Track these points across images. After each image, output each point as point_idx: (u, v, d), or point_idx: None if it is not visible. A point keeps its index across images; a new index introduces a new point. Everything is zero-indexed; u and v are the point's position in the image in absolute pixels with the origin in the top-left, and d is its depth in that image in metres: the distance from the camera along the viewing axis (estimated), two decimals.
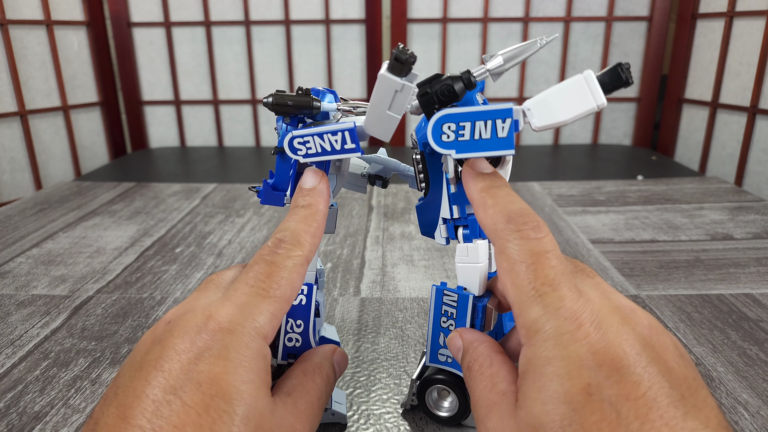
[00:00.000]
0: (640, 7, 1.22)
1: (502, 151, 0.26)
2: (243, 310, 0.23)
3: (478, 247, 0.29)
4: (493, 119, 0.26)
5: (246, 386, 0.21)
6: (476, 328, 0.30)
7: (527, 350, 0.22)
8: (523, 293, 0.22)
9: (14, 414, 0.35)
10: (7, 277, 0.55)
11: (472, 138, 0.26)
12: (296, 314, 0.31)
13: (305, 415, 0.25)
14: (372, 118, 0.28)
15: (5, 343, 0.43)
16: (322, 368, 0.28)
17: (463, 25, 1.24)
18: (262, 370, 0.23)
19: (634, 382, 0.19)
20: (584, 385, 0.20)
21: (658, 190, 0.83)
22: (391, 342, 0.43)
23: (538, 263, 0.23)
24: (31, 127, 1.09)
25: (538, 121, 0.26)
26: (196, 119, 1.34)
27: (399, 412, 0.35)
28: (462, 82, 0.27)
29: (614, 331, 0.21)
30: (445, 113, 0.26)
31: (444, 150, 0.27)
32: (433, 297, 0.31)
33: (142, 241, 0.65)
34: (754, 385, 0.37)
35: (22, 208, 0.77)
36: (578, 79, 0.25)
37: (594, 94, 0.25)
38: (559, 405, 0.20)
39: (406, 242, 0.64)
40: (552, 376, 0.20)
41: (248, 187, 0.35)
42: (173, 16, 1.26)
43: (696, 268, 0.55)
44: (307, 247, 0.26)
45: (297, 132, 0.29)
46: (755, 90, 0.97)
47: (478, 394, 0.24)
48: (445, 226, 0.31)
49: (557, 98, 0.26)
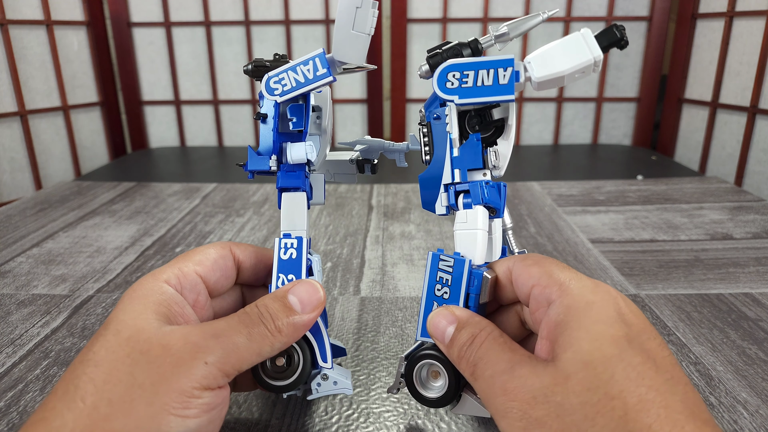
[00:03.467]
0: (640, 7, 1.22)
1: (503, 96, 0.27)
2: (151, 274, 0.29)
3: (477, 212, 0.30)
4: (495, 68, 0.28)
5: (125, 315, 0.26)
6: (471, 297, 0.29)
7: (565, 299, 0.25)
8: (554, 269, 0.27)
9: (14, 413, 0.35)
10: (7, 276, 0.55)
11: (474, 85, 0.28)
12: (287, 269, 0.31)
13: (214, 341, 0.25)
14: (339, 41, 0.29)
15: (6, 343, 0.43)
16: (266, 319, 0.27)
17: (463, 25, 1.24)
18: (152, 302, 0.27)
19: (659, 344, 0.23)
20: (624, 333, 0.23)
21: (658, 190, 0.83)
22: (390, 341, 0.43)
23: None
24: (31, 127, 1.09)
25: (538, 71, 0.28)
26: (196, 119, 1.34)
27: (401, 411, 0.35)
28: (470, 48, 0.29)
29: (631, 303, 0.25)
30: (451, 63, 0.28)
31: (447, 96, 0.28)
32: (429, 263, 0.30)
33: (142, 240, 0.65)
34: (753, 384, 0.37)
35: (22, 208, 0.77)
36: (576, 35, 0.28)
37: (591, 48, 0.27)
38: (608, 344, 0.22)
39: (406, 242, 0.64)
40: (597, 318, 0.23)
41: (236, 163, 0.35)
42: (173, 16, 1.26)
43: (695, 268, 0.55)
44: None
45: (271, 72, 0.30)
46: (755, 90, 0.97)
47: (495, 358, 0.25)
48: (446, 195, 0.32)
49: (556, 51, 0.28)
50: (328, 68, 0.30)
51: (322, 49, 0.30)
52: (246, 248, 0.33)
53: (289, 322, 0.27)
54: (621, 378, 0.21)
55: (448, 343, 0.27)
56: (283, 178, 0.33)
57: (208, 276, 0.30)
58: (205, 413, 0.24)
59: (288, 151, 0.32)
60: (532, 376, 0.23)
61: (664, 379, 0.21)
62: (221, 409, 0.26)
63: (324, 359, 0.31)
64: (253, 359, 0.26)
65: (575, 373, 0.22)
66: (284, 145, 0.32)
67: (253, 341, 0.26)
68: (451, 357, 0.28)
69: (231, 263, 0.32)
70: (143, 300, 0.27)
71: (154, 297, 0.27)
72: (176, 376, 0.24)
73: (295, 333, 0.28)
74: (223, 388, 0.26)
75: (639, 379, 0.21)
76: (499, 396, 0.24)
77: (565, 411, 0.22)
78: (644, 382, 0.21)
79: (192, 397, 0.24)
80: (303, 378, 0.30)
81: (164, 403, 0.23)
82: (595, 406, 0.21)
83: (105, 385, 0.23)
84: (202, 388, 0.24)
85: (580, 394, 0.21)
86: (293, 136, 0.33)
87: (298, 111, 0.32)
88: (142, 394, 0.23)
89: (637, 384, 0.21)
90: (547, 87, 0.28)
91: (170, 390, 0.23)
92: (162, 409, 0.23)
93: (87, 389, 0.23)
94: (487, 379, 0.25)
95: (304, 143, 0.32)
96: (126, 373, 0.24)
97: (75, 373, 0.24)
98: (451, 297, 0.30)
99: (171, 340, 0.25)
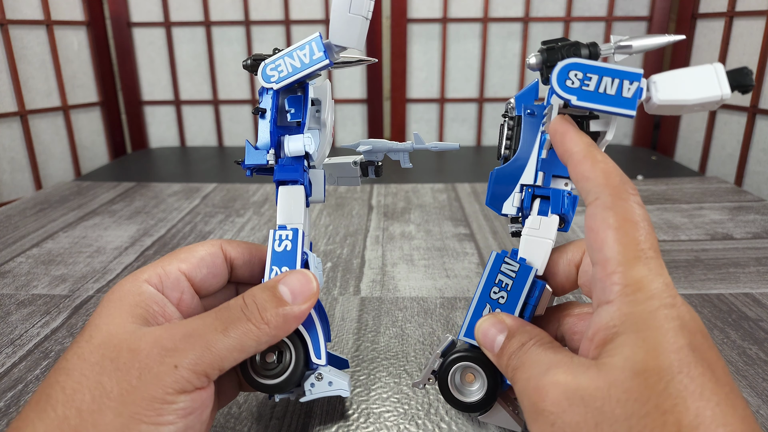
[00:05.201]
0: (640, 7, 1.22)
1: (623, 109, 0.26)
2: (132, 274, 0.28)
3: (553, 222, 0.28)
4: (621, 78, 0.26)
5: (100, 319, 0.25)
6: (528, 307, 0.28)
7: (624, 306, 0.22)
8: (629, 251, 0.22)
9: (14, 413, 0.35)
10: (7, 276, 0.55)
11: (596, 90, 0.26)
12: (281, 261, 0.30)
13: (185, 342, 0.24)
14: (335, 24, 0.28)
15: (5, 343, 0.43)
16: (248, 313, 0.26)
17: (463, 25, 1.24)
18: (128, 304, 0.26)
19: (717, 354, 0.21)
20: (688, 341, 0.21)
21: (658, 190, 0.83)
22: (390, 341, 0.43)
23: (649, 228, 0.23)
24: (31, 127, 1.09)
25: (662, 94, 0.26)
26: (196, 119, 1.34)
27: (401, 411, 0.35)
28: (588, 50, 0.28)
29: (692, 310, 0.23)
30: (576, 61, 0.26)
31: (566, 94, 0.26)
32: (490, 263, 0.29)
33: (142, 240, 0.65)
34: (754, 385, 0.37)
35: (22, 208, 0.77)
36: (708, 67, 0.26)
37: (721, 84, 0.25)
38: (667, 353, 0.20)
39: (406, 242, 0.64)
40: (658, 328, 0.21)
41: (234, 161, 0.35)
42: (173, 16, 1.26)
43: (696, 268, 0.55)
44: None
45: (267, 60, 0.30)
46: (755, 90, 0.97)
47: (535, 359, 0.23)
48: (520, 195, 0.30)
49: (685, 78, 0.26)
50: (325, 51, 0.29)
51: (319, 33, 0.29)
52: (238, 245, 0.32)
53: (278, 313, 0.26)
54: (677, 391, 0.19)
55: (498, 353, 0.26)
56: (280, 170, 0.31)
57: (193, 273, 0.29)
58: (182, 419, 0.23)
59: (286, 143, 0.31)
60: (566, 375, 0.21)
61: (725, 393, 0.20)
62: (202, 412, 0.25)
63: (318, 355, 0.29)
64: (236, 356, 0.25)
65: (622, 381, 0.20)
66: (282, 138, 0.32)
67: (232, 337, 0.25)
68: (500, 366, 0.26)
69: (221, 260, 0.31)
70: (119, 303, 0.26)
71: (130, 299, 0.26)
72: (144, 383, 0.23)
73: (286, 325, 0.26)
74: (204, 390, 0.24)
75: (698, 393, 0.19)
76: (532, 395, 0.22)
77: (605, 419, 0.20)
78: (704, 395, 0.19)
79: (165, 403, 0.23)
80: (295, 377, 0.29)
81: (134, 412, 0.22)
82: (642, 420, 0.19)
83: (75, 394, 0.23)
84: (176, 393, 0.23)
85: (626, 405, 0.19)
86: (292, 130, 0.32)
87: (297, 102, 0.32)
88: (110, 403, 0.22)
89: (696, 398, 0.19)
90: (662, 112, 0.27)
91: (139, 398, 0.22)
92: (132, 418, 0.22)
93: (58, 398, 0.23)
94: (524, 381, 0.23)
95: (303, 135, 0.31)
96: (95, 382, 0.23)
97: (49, 381, 0.24)
98: (508, 303, 0.28)
99: (140, 344, 0.24)
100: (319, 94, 0.33)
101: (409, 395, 0.36)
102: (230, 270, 0.32)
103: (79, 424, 0.22)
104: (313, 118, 0.33)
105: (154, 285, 0.28)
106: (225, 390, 0.30)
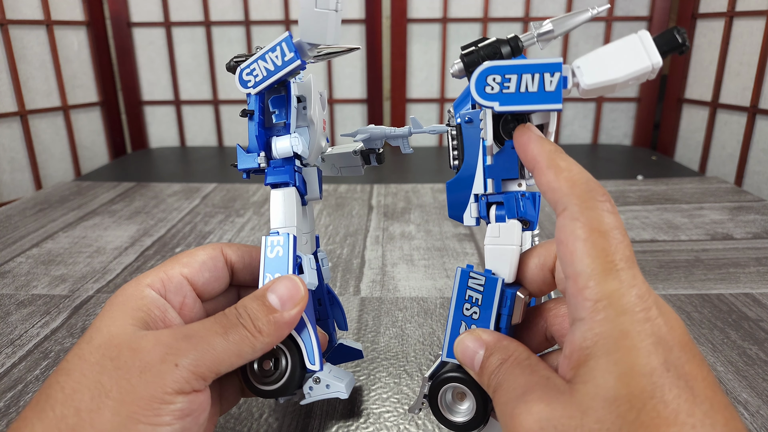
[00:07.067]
0: (640, 7, 1.22)
1: (549, 105, 0.24)
2: (135, 279, 0.29)
3: (512, 227, 0.27)
4: (541, 72, 0.24)
5: (101, 322, 0.26)
6: (503, 318, 0.27)
7: (596, 326, 0.21)
8: (599, 264, 0.21)
9: (14, 413, 0.35)
10: (7, 276, 0.55)
11: (517, 91, 0.25)
12: (273, 267, 0.29)
13: (186, 342, 0.24)
14: (303, 21, 0.28)
15: (5, 343, 0.43)
16: (245, 321, 0.26)
17: (463, 25, 1.24)
18: (130, 308, 0.26)
19: (699, 364, 0.20)
20: (662, 360, 0.20)
21: (658, 190, 0.83)
22: (390, 341, 0.43)
23: (621, 237, 0.22)
24: (31, 127, 1.09)
25: (588, 78, 0.24)
26: (196, 119, 1.34)
27: (401, 411, 0.35)
28: (509, 45, 0.26)
29: (673, 316, 0.21)
30: (491, 64, 0.25)
31: (487, 102, 0.25)
32: (457, 280, 0.28)
33: (142, 240, 0.65)
34: (754, 385, 0.37)
35: (22, 208, 0.77)
36: (632, 38, 0.24)
37: (649, 53, 0.24)
38: (639, 378, 0.19)
39: (406, 242, 0.64)
40: (630, 349, 0.20)
41: (230, 164, 0.34)
42: (173, 16, 1.26)
43: (696, 268, 0.55)
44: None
45: (243, 64, 0.30)
46: (755, 90, 0.97)
47: (513, 383, 0.23)
48: (477, 205, 0.29)
49: (610, 56, 0.24)
50: (296, 51, 0.29)
51: (289, 33, 0.28)
52: (239, 248, 0.32)
53: (269, 321, 0.26)
54: (649, 419, 0.19)
55: (479, 371, 0.26)
56: (270, 174, 0.31)
57: (195, 278, 0.30)
58: (178, 420, 0.23)
59: (274, 145, 0.31)
60: (540, 403, 0.21)
61: (703, 412, 0.19)
62: (198, 415, 0.24)
63: (312, 361, 0.29)
64: (233, 361, 0.25)
65: (594, 410, 0.20)
66: (271, 140, 0.31)
67: (231, 342, 0.25)
68: (483, 385, 0.26)
69: (222, 264, 0.31)
70: (121, 306, 0.27)
71: (132, 302, 0.27)
72: (144, 382, 0.23)
73: (278, 332, 0.27)
74: (200, 393, 0.24)
75: (672, 418, 0.19)
76: (507, 422, 0.22)
77: None
78: (678, 419, 0.19)
79: (163, 402, 0.23)
80: (294, 381, 0.29)
81: (132, 411, 0.22)
82: None
83: (74, 394, 0.23)
84: (175, 393, 0.23)
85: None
86: (281, 130, 0.32)
87: (280, 103, 0.31)
88: (109, 402, 0.22)
89: (669, 425, 0.19)
90: (595, 95, 0.25)
91: (138, 397, 0.23)
92: (129, 417, 0.22)
93: (57, 398, 0.23)
94: (501, 405, 0.23)
95: (289, 136, 0.31)
96: (94, 381, 0.23)
97: (49, 382, 0.24)
98: (481, 318, 0.28)
99: (141, 343, 0.24)
100: (303, 90, 0.33)
101: (409, 395, 0.36)
102: (231, 273, 0.32)
103: (77, 423, 0.22)
104: (300, 116, 0.32)
105: (156, 289, 0.28)
106: (227, 395, 0.30)
